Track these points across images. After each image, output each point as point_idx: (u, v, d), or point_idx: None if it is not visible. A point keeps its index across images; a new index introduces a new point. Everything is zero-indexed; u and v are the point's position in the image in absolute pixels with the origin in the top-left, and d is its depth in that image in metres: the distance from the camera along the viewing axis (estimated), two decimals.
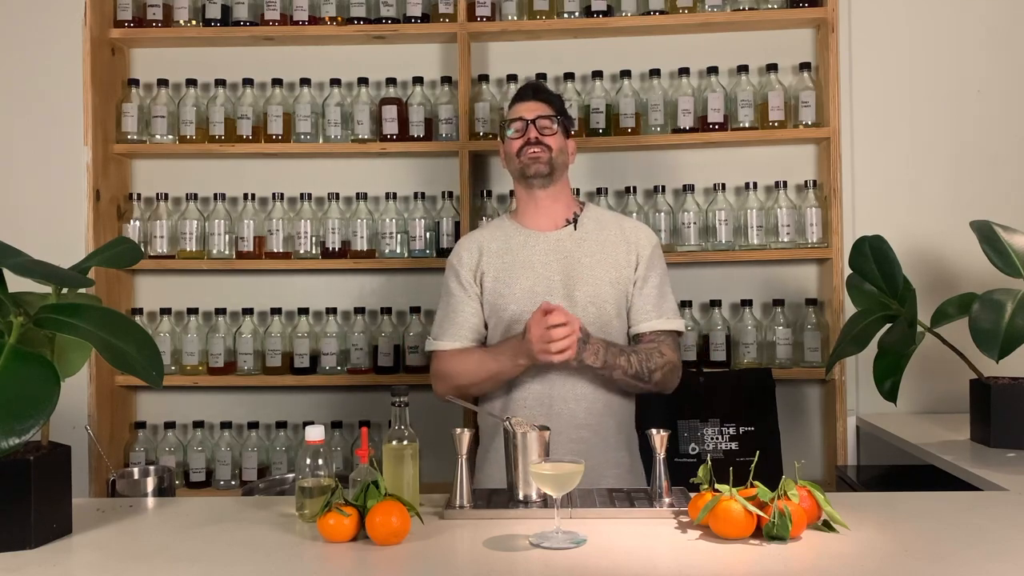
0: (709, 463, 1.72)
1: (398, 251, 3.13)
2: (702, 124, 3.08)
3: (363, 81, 3.18)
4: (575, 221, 2.32)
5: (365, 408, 3.20)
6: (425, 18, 3.15)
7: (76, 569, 1.55)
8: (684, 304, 3.07)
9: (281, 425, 3.13)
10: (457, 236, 3.00)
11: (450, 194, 3.16)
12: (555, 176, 2.30)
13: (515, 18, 3.13)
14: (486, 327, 2.34)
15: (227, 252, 3.16)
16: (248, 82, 3.20)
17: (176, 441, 3.15)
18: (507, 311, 2.26)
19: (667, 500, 1.79)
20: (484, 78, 3.20)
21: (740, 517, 1.58)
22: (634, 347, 2.24)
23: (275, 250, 3.14)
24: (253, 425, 3.12)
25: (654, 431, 1.79)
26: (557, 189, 2.33)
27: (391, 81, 3.19)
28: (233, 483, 3.08)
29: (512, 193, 3.13)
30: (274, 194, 3.17)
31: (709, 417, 2.87)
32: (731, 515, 1.58)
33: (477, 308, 2.32)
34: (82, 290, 1.76)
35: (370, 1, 3.17)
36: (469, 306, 2.32)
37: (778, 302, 3.09)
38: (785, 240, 3.04)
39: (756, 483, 1.64)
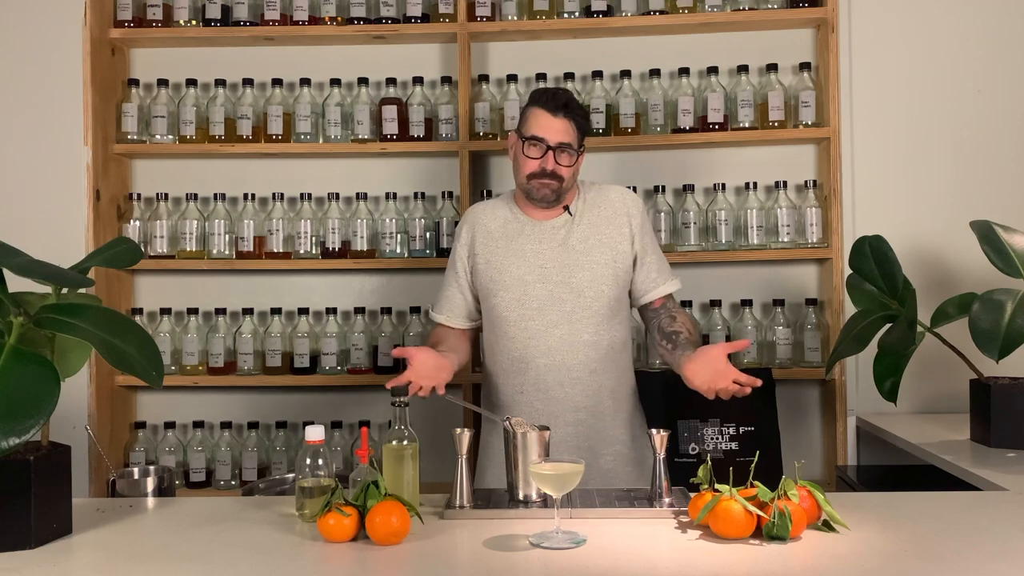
0: (709, 463, 1.72)
1: (398, 251, 3.13)
2: (702, 124, 3.08)
3: (363, 81, 3.18)
4: (568, 208, 2.29)
5: (365, 408, 3.20)
6: (425, 18, 3.15)
7: (76, 569, 1.55)
8: (684, 304, 3.06)
9: (281, 425, 3.13)
10: None
11: (450, 194, 3.16)
12: (562, 197, 2.26)
13: (515, 18, 3.13)
14: (477, 302, 2.36)
15: (227, 252, 3.16)
16: (248, 82, 3.20)
17: (176, 441, 3.15)
18: (498, 297, 2.27)
19: (667, 500, 1.79)
20: (484, 78, 3.20)
21: (740, 517, 1.58)
22: (688, 336, 2.22)
23: (275, 250, 3.14)
24: (253, 425, 3.12)
25: (654, 431, 1.79)
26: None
27: (391, 81, 3.19)
28: (233, 483, 3.08)
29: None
30: (274, 194, 3.17)
31: (709, 417, 2.87)
32: (731, 515, 1.58)
33: (464, 286, 2.35)
34: (82, 290, 1.76)
35: (370, 1, 3.17)
36: (456, 283, 2.36)
37: (778, 302, 3.09)
38: (785, 240, 3.04)
39: (756, 483, 1.64)
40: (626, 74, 3.11)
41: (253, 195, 3.20)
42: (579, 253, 2.25)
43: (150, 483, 2.06)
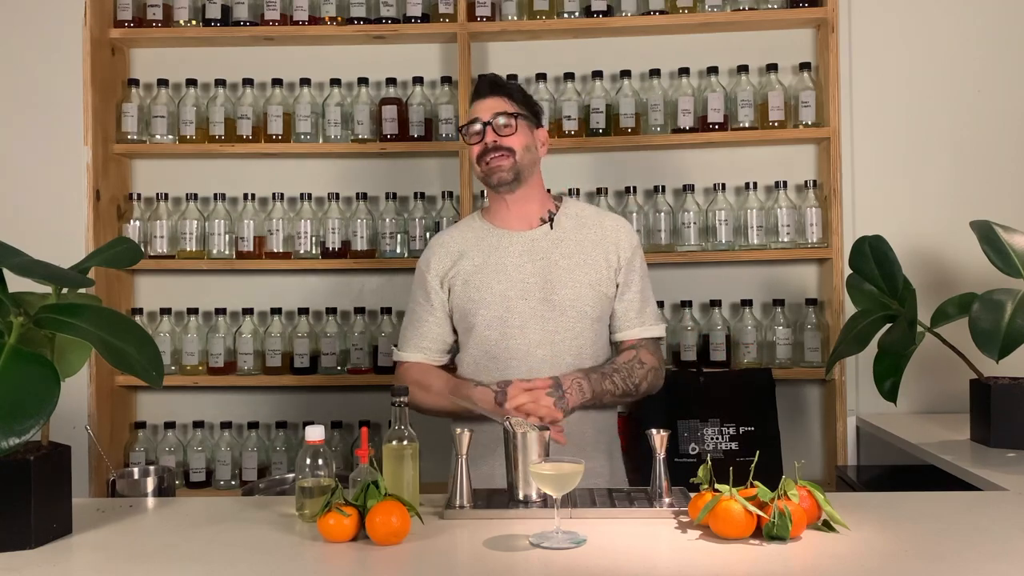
0: (709, 463, 1.72)
1: (398, 251, 3.13)
2: (702, 124, 3.08)
3: (363, 81, 3.18)
4: (551, 220, 2.22)
5: (365, 408, 3.20)
6: (425, 18, 3.15)
7: (76, 569, 1.55)
8: (684, 304, 3.07)
9: (281, 425, 3.13)
10: None
11: (450, 194, 3.16)
12: (523, 177, 2.17)
13: (515, 18, 3.13)
14: (455, 333, 2.26)
15: (227, 252, 3.16)
16: (248, 82, 3.20)
17: (176, 441, 3.15)
18: (478, 316, 2.17)
19: (667, 500, 1.79)
20: None
21: (740, 517, 1.58)
22: (613, 364, 2.17)
23: (275, 250, 3.14)
24: (253, 425, 3.12)
25: (654, 431, 1.78)
26: (527, 189, 2.20)
27: (391, 81, 3.19)
28: (233, 483, 3.08)
29: None
30: (274, 194, 3.17)
31: (709, 417, 2.87)
32: (731, 515, 1.58)
33: (441, 318, 2.24)
34: (82, 290, 1.76)
35: (370, 1, 3.17)
36: (432, 316, 2.24)
37: (778, 302, 3.09)
38: (785, 240, 3.04)
39: (756, 483, 1.64)
40: (626, 74, 3.12)
41: (253, 195, 3.20)
42: (563, 270, 2.17)
43: (150, 483, 2.06)
